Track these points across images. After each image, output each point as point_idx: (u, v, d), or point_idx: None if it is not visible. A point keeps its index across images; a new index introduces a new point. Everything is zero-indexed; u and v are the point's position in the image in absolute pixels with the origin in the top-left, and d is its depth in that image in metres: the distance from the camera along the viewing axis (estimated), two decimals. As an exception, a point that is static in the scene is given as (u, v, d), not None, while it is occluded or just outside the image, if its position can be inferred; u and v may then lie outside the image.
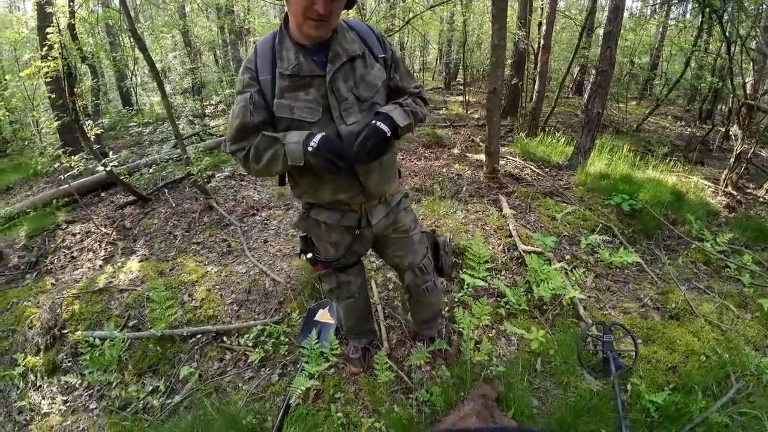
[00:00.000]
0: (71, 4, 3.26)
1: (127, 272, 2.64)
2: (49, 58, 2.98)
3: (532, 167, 4.10)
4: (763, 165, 5.31)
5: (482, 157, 3.84)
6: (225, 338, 2.13)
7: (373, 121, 1.15)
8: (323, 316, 2.04)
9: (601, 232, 3.00)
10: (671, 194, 3.52)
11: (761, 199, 4.12)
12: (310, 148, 1.12)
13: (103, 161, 3.22)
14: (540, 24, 5.90)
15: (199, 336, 2.14)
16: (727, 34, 4.48)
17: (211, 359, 2.05)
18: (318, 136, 1.13)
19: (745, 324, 2.26)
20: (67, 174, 3.30)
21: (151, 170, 3.97)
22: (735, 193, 4.13)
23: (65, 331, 2.20)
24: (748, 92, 4.51)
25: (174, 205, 3.55)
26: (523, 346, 1.99)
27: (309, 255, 1.48)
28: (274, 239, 2.99)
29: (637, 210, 3.20)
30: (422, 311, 1.81)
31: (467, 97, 7.51)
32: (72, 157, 3.15)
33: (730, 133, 5.84)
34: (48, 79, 3.25)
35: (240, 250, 2.84)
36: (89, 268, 2.87)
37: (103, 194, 3.94)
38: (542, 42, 5.32)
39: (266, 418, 1.74)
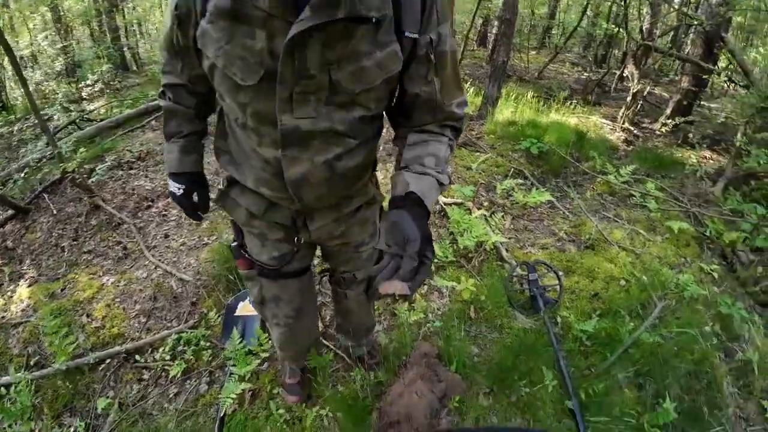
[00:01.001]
0: None
1: (17, 302, 2.24)
2: None
3: (444, 121, 4.12)
4: (657, 102, 5.83)
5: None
6: (138, 356, 1.86)
7: (427, 258, 0.65)
8: (245, 308, 1.86)
9: (514, 176, 3.13)
10: (574, 134, 3.76)
11: (657, 132, 4.53)
12: (175, 188, 0.98)
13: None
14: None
15: (108, 360, 1.86)
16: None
17: (129, 383, 1.79)
18: (182, 189, 0.99)
19: (657, 246, 2.48)
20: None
21: (22, 175, 3.31)
22: (632, 128, 4.52)
23: (-27, 383, 1.81)
24: (644, 35, 4.89)
25: (56, 211, 3.02)
26: (455, 296, 2.01)
27: (234, 243, 1.12)
28: (176, 231, 2.67)
29: (544, 152, 3.38)
30: (341, 315, 1.52)
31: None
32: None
33: (625, 74, 6.37)
34: None
35: (138, 252, 2.49)
36: (-19, 305, 2.37)
37: (-20, 215, 3.23)
38: (445, -6, 5.23)
39: (202, 434, 1.56)
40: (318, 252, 1.27)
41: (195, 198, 1.07)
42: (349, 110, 0.77)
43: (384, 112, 0.88)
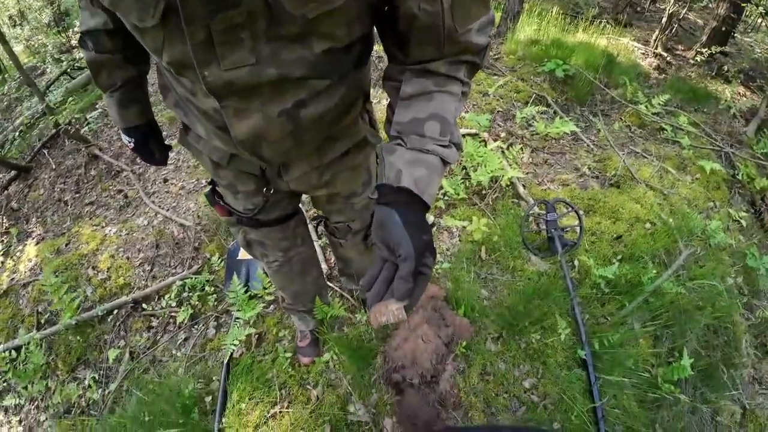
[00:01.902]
0: None
1: (25, 261, 2.27)
2: None
3: (459, 40, 3.76)
4: (691, 28, 5.29)
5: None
6: (145, 305, 1.88)
7: (426, 267, 0.52)
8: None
9: (535, 103, 2.85)
10: (603, 57, 3.37)
11: (691, 61, 4.14)
12: (126, 141, 0.93)
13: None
14: None
15: (116, 311, 1.88)
16: None
17: (138, 332, 1.82)
18: (132, 143, 0.93)
19: (687, 186, 2.29)
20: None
21: (17, 134, 3.27)
22: (665, 54, 4.13)
23: (-11, 349, 1.92)
24: None
25: (55, 166, 2.98)
26: (466, 236, 1.89)
27: (209, 188, 0.96)
28: (175, 175, 2.59)
29: (570, 76, 3.05)
30: (341, 261, 1.40)
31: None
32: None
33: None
34: None
35: (138, 199, 2.45)
36: (-7, 269, 2.44)
37: (-15, 179, 3.24)
38: None
39: (211, 379, 1.59)
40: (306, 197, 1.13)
41: (151, 147, 0.97)
42: (305, 44, 0.53)
43: (372, 31, 0.64)
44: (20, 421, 1.77)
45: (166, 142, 1.00)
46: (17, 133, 3.31)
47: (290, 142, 0.66)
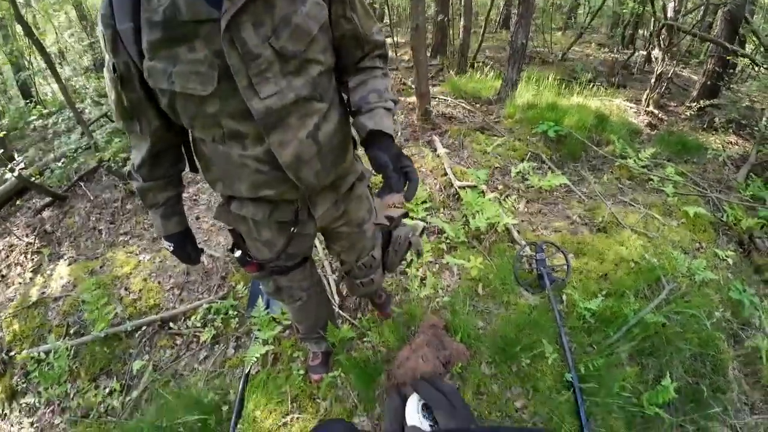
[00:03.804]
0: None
1: (57, 279, 2.47)
2: None
3: (463, 105, 4.11)
4: (685, 84, 5.57)
5: (414, 99, 3.78)
6: (172, 324, 2.06)
7: (407, 167, 0.84)
8: (269, 282, 2.00)
9: (530, 159, 3.12)
10: (595, 117, 3.68)
11: (683, 116, 4.36)
12: (166, 246, 1.11)
13: (9, 165, 2.88)
14: (460, -42, 5.70)
15: (144, 328, 2.06)
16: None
17: (162, 348, 1.99)
18: (171, 246, 1.11)
19: (672, 230, 2.44)
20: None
21: (60, 164, 3.57)
22: (656, 111, 4.34)
23: (12, 353, 2.08)
24: (668, 14, 4.69)
25: (92, 197, 3.26)
26: (465, 274, 2.08)
27: (239, 253, 1.17)
28: (206, 214, 2.85)
29: (563, 135, 3.35)
30: (356, 293, 1.63)
31: (395, 38, 7.24)
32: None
33: (652, 55, 6.10)
34: None
35: (172, 232, 2.69)
36: (20, 283, 2.65)
37: (18, 201, 3.53)
38: (464, -24, 5.17)
39: (228, 392, 1.74)
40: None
41: (187, 250, 1.17)
42: (305, 72, 0.83)
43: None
44: (32, 423, 1.88)
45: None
46: (59, 163, 3.58)
47: (317, 163, 0.93)
